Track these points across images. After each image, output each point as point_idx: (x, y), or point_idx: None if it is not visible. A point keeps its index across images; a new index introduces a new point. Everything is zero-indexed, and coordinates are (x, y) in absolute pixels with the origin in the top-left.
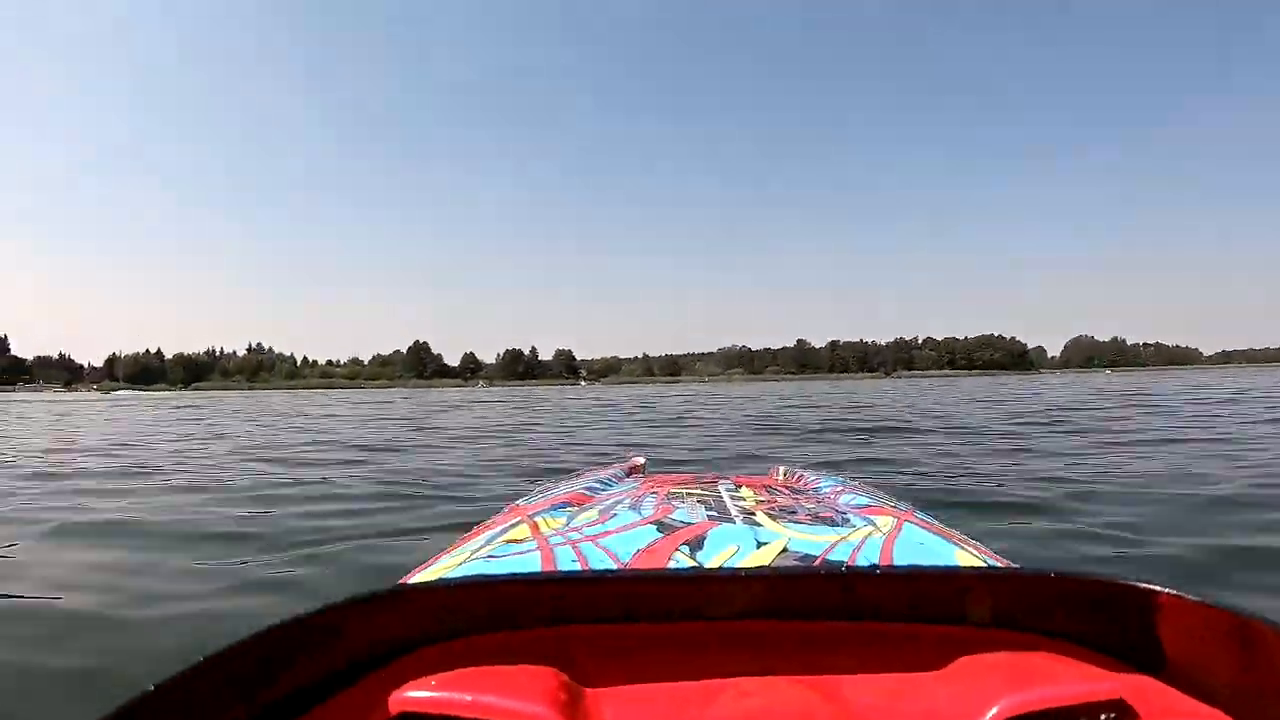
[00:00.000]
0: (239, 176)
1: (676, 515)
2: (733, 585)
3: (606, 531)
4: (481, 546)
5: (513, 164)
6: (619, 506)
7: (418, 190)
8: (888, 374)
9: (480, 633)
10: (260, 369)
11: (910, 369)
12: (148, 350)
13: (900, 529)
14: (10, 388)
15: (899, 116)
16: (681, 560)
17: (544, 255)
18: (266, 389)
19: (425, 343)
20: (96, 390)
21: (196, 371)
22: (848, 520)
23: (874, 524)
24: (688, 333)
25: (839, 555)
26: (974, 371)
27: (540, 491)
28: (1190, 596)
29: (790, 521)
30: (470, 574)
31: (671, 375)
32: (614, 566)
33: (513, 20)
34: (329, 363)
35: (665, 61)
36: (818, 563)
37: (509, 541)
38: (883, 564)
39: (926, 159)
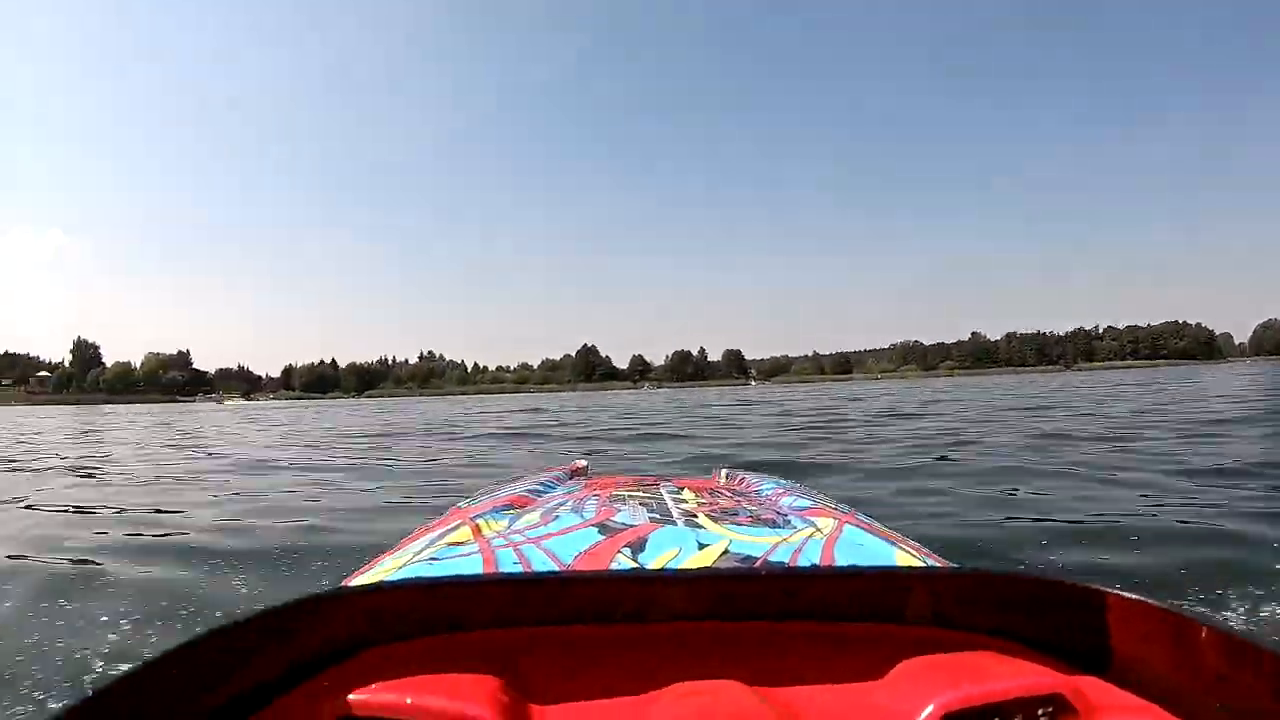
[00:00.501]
0: (405, 193)
1: (618, 517)
2: (675, 587)
3: (549, 534)
4: (423, 549)
5: (675, 165)
6: (561, 509)
7: (577, 191)
8: (1067, 366)
9: (422, 635)
10: (431, 375)
11: (1090, 360)
12: (321, 360)
13: (841, 530)
14: (190, 398)
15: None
16: (623, 562)
17: (709, 255)
18: (438, 395)
19: (593, 345)
20: (273, 399)
21: (369, 379)
22: (789, 522)
23: (815, 525)
24: (856, 329)
25: (780, 556)
26: (1158, 362)
27: (482, 493)
28: (1127, 594)
29: (732, 523)
30: (411, 576)
31: (842, 373)
32: (556, 569)
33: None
34: (498, 368)
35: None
36: (759, 564)
37: (451, 544)
38: (824, 564)
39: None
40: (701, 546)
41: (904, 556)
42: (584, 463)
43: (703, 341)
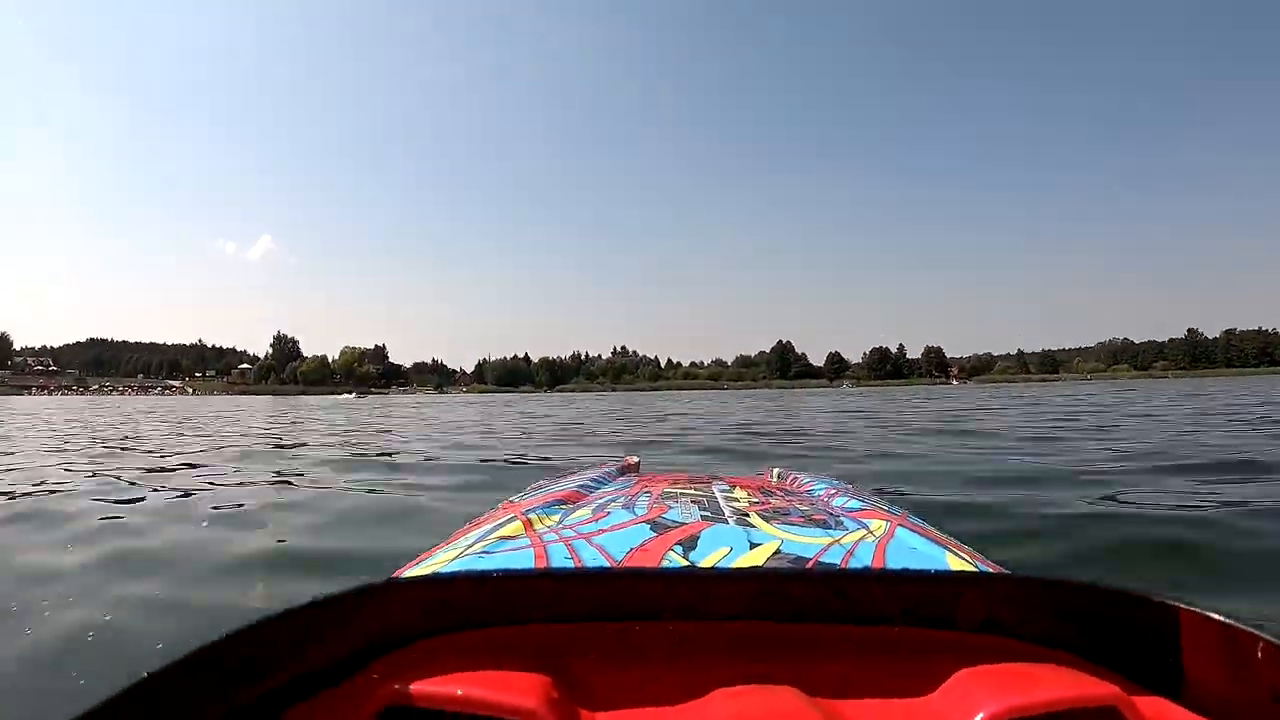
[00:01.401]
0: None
1: (670, 515)
2: (726, 585)
3: (600, 530)
4: (474, 542)
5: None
6: (613, 505)
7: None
8: None
9: (473, 627)
10: (624, 371)
11: None
12: (515, 355)
13: (893, 533)
14: (385, 390)
15: None
16: (674, 560)
17: (903, 251)
18: (630, 390)
19: (789, 342)
20: (466, 391)
21: (561, 374)
22: (841, 523)
23: (867, 527)
24: (1062, 325)
25: (832, 558)
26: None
27: (534, 488)
28: (1183, 605)
29: (783, 523)
30: (463, 569)
31: (1049, 373)
32: (607, 565)
33: None
34: (692, 364)
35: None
36: (810, 565)
37: (502, 538)
38: (875, 566)
39: None
40: (753, 546)
41: (956, 561)
42: (635, 459)
43: (901, 338)
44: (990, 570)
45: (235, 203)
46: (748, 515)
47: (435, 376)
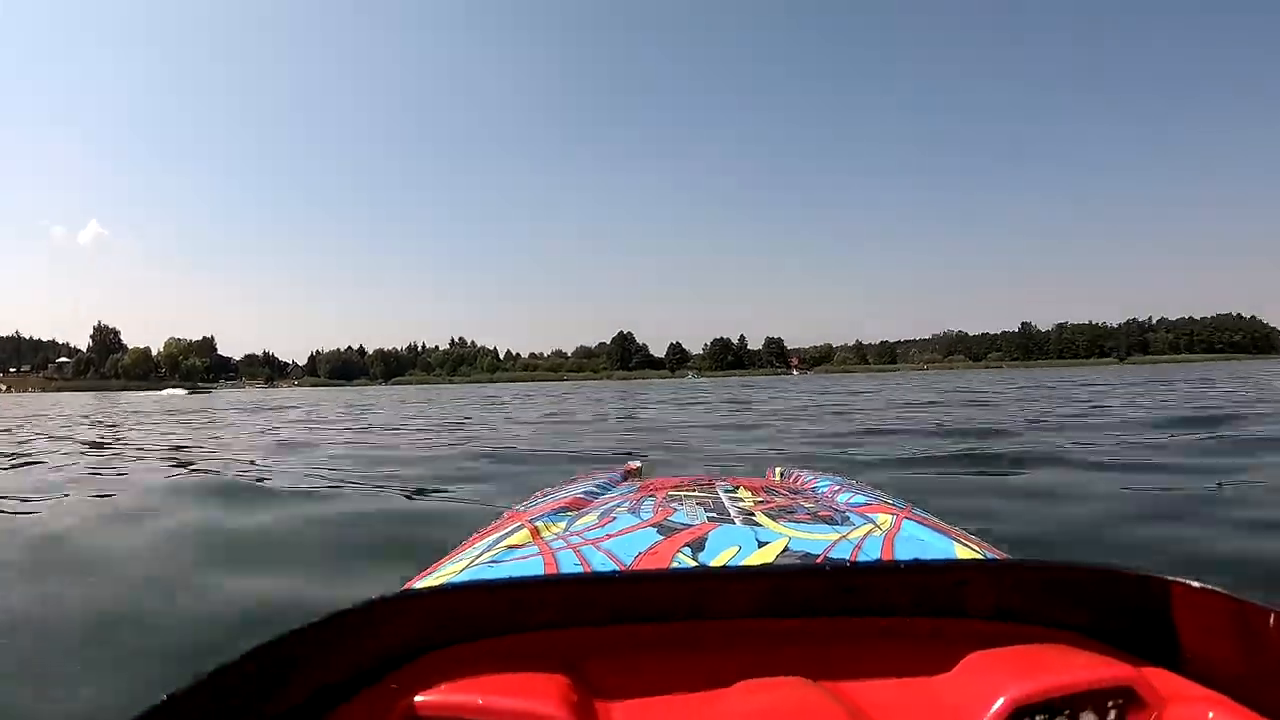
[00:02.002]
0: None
1: (676, 517)
2: (737, 584)
3: (607, 535)
4: (482, 552)
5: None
6: (618, 510)
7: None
8: (1121, 359)
9: (487, 636)
10: (461, 362)
11: (1145, 353)
12: (350, 347)
13: (900, 526)
14: (212, 385)
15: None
16: (683, 561)
17: (755, 243)
18: (467, 382)
19: (629, 333)
20: (297, 385)
21: (397, 366)
22: (847, 519)
23: (873, 521)
24: (899, 318)
25: (840, 553)
26: (1213, 356)
27: (538, 497)
28: (1191, 583)
29: (790, 521)
30: (474, 578)
31: (888, 363)
32: (617, 569)
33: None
34: (532, 355)
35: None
36: (819, 561)
37: (510, 546)
38: (885, 559)
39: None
40: (761, 544)
41: (964, 550)
42: (638, 464)
43: (742, 329)
44: (998, 558)
45: (61, 186)
46: (753, 514)
47: (267, 369)
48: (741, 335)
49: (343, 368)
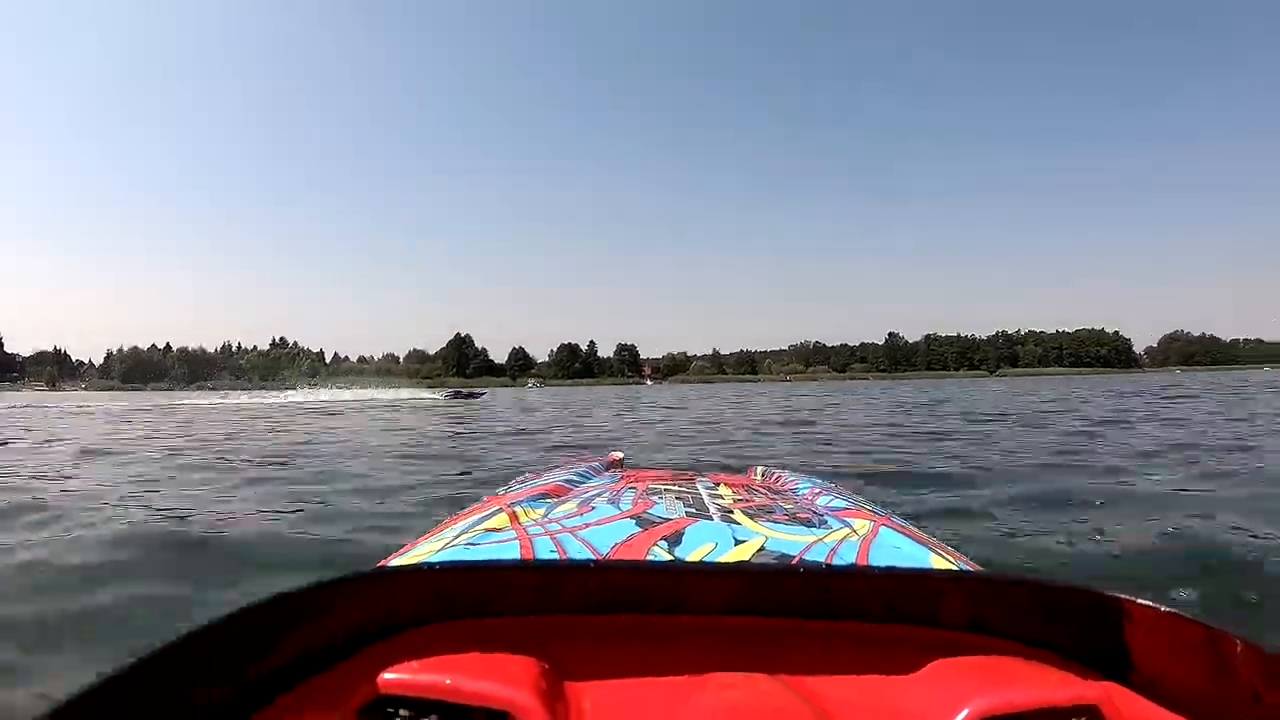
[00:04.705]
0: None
1: (655, 510)
2: (712, 580)
3: (585, 524)
4: (460, 534)
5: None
6: (598, 500)
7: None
8: (991, 372)
9: (461, 617)
10: (279, 366)
11: (1015, 365)
12: (154, 345)
13: (877, 533)
14: None
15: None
16: (660, 555)
17: (604, 250)
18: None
19: (468, 335)
20: (85, 389)
21: (205, 368)
22: (825, 522)
23: (851, 526)
24: (761, 327)
25: (816, 555)
26: (1081, 369)
27: (519, 482)
28: (1162, 608)
29: (768, 521)
30: (451, 559)
31: (748, 373)
32: (593, 558)
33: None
34: (360, 359)
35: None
36: (794, 562)
37: (488, 530)
38: (860, 564)
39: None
40: (738, 542)
41: (939, 561)
42: (620, 455)
43: (594, 335)
44: (972, 570)
45: None
46: (732, 512)
47: (56, 369)
48: (591, 341)
49: (139, 369)
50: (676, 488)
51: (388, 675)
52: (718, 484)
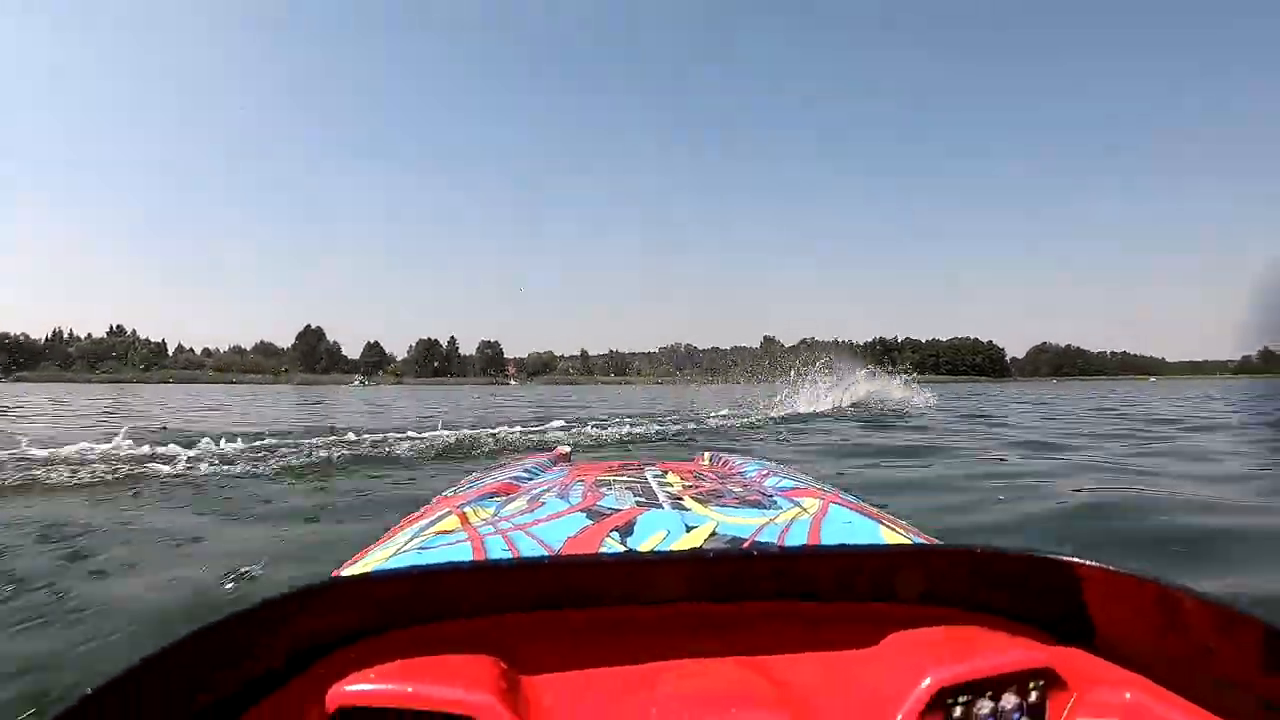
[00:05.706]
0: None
1: (605, 502)
2: (665, 569)
3: (536, 520)
4: (411, 539)
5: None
6: (547, 495)
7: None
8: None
9: (417, 623)
10: (108, 357)
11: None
12: None
13: (826, 510)
14: None
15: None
16: (612, 546)
17: (469, 245)
18: (109, 381)
19: (319, 328)
20: None
21: (24, 358)
22: (775, 503)
23: (800, 505)
24: (630, 330)
25: (768, 537)
26: (958, 377)
27: (468, 482)
28: (1112, 568)
29: (718, 505)
30: (402, 565)
31: (617, 375)
32: (545, 555)
33: None
34: (205, 351)
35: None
36: (747, 544)
37: (439, 533)
38: (811, 544)
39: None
40: (689, 529)
41: (890, 534)
42: (567, 449)
43: (456, 331)
44: (924, 542)
45: None
46: (682, 499)
47: None
48: (452, 337)
49: None
50: (625, 478)
51: (347, 688)
52: (666, 471)
